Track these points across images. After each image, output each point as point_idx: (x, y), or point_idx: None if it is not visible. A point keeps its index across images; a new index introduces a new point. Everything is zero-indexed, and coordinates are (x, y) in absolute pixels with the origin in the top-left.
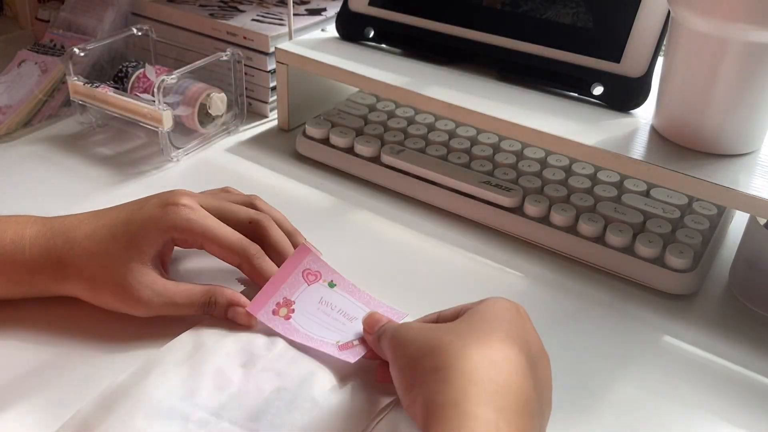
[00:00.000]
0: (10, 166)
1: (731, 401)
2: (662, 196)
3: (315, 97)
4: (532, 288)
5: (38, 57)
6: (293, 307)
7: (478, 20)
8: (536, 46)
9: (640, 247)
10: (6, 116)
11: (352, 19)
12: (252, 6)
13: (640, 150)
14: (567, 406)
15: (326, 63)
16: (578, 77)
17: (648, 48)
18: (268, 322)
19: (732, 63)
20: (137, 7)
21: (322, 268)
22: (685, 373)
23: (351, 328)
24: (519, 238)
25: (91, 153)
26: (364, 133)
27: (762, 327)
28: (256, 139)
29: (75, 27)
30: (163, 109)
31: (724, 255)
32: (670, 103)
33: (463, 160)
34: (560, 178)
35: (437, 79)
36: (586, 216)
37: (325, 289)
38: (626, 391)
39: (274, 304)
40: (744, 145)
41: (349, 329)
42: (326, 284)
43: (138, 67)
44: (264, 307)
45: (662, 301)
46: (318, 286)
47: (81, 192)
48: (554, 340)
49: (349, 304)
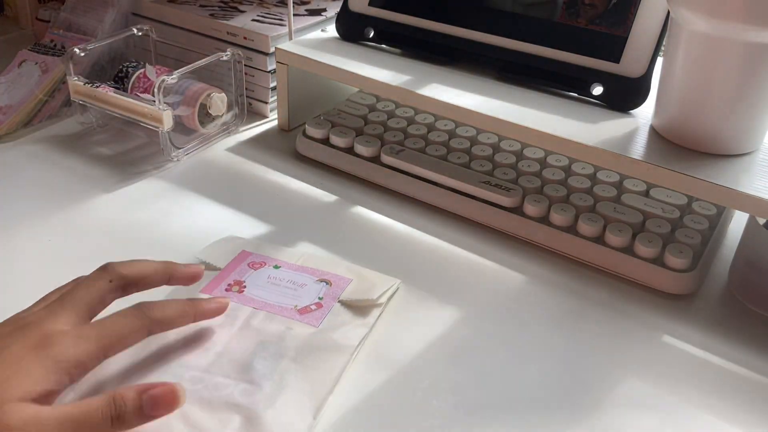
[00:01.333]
0: (10, 166)
1: (731, 401)
2: (662, 196)
3: (315, 97)
4: (532, 288)
5: (38, 57)
6: (244, 285)
7: (478, 20)
8: (536, 46)
9: (640, 247)
10: (6, 116)
11: (352, 19)
12: (252, 6)
13: (640, 150)
14: (567, 405)
15: (326, 63)
16: (578, 77)
17: (648, 48)
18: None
19: (732, 63)
20: (137, 7)
21: (265, 259)
22: (685, 373)
23: (303, 293)
24: (519, 238)
25: (91, 153)
26: (364, 133)
27: (762, 327)
28: (256, 139)
29: (75, 27)
30: (163, 109)
31: (723, 255)
32: (669, 103)
33: (463, 160)
34: (560, 178)
35: (437, 79)
36: (585, 216)
37: (271, 270)
38: (626, 391)
39: (226, 285)
40: (744, 145)
41: (301, 294)
42: (272, 267)
43: (138, 67)
44: (217, 288)
45: (662, 301)
46: (264, 269)
47: (81, 192)
48: (554, 340)
49: (296, 276)
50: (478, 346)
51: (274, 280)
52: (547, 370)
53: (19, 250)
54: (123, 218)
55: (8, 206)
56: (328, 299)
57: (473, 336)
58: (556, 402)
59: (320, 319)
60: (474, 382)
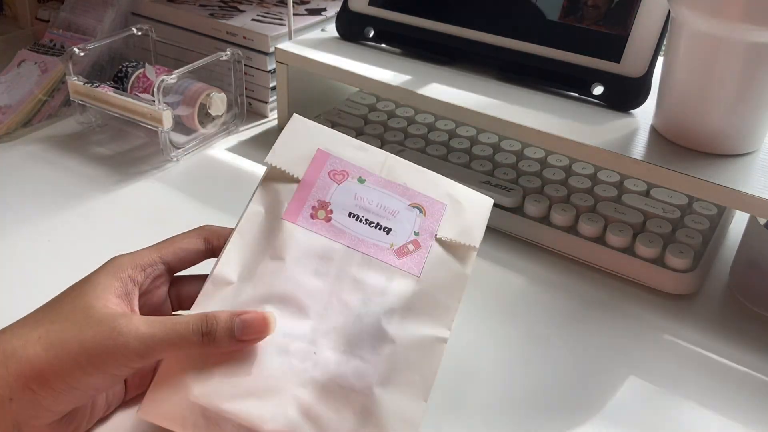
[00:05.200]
0: (10, 166)
1: (731, 400)
2: (662, 196)
3: (315, 97)
4: (532, 288)
5: (38, 57)
6: (330, 208)
7: (478, 20)
8: (536, 46)
9: (640, 247)
10: (6, 116)
11: (352, 19)
12: (252, 6)
13: (640, 150)
14: (567, 405)
15: (326, 63)
16: (578, 77)
17: (648, 48)
18: (310, 227)
19: (732, 63)
20: (137, 7)
21: (346, 166)
22: (686, 373)
23: (397, 225)
24: (519, 238)
25: (91, 153)
26: (364, 133)
27: (762, 327)
28: (256, 139)
29: (75, 27)
30: (163, 109)
31: (724, 255)
32: (670, 103)
33: (463, 160)
34: (560, 178)
35: (437, 79)
36: (586, 216)
37: (357, 185)
38: (626, 391)
39: (310, 208)
40: (744, 145)
41: (395, 226)
42: (356, 180)
43: (138, 67)
44: (300, 213)
45: (662, 301)
46: (348, 183)
47: (81, 192)
48: (554, 340)
49: (386, 198)
50: (478, 346)
51: (363, 203)
52: (547, 370)
53: (19, 250)
54: (123, 218)
55: (8, 206)
56: (425, 235)
57: (473, 336)
58: (556, 402)
59: (420, 264)
60: (474, 382)
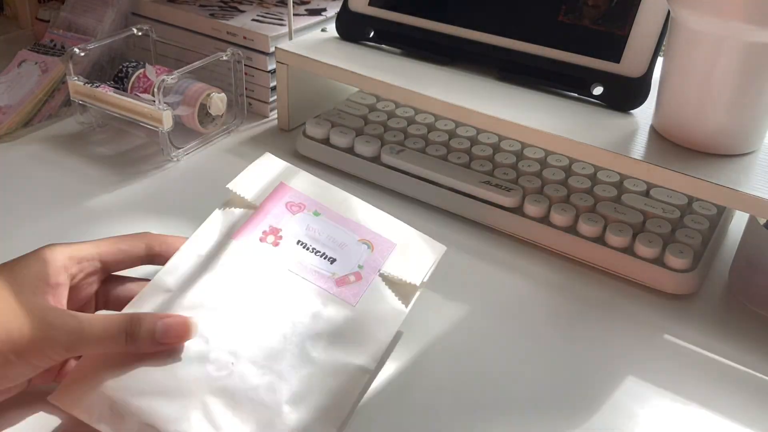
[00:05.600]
0: (10, 166)
1: (731, 400)
2: (662, 196)
3: (315, 97)
4: (532, 288)
5: (38, 57)
6: (280, 234)
7: (478, 20)
8: (536, 46)
9: (640, 247)
10: (6, 116)
11: (352, 19)
12: (252, 6)
13: (640, 150)
14: (567, 405)
15: (326, 63)
16: (578, 77)
17: (648, 48)
18: (256, 247)
19: (732, 63)
20: (137, 7)
21: (305, 200)
22: (685, 373)
23: (343, 257)
24: (519, 238)
25: (91, 153)
26: (364, 133)
27: (762, 327)
28: (256, 139)
29: (75, 27)
30: (163, 109)
31: (724, 255)
32: (669, 103)
33: (463, 160)
34: (560, 178)
35: (437, 79)
36: (586, 216)
37: (311, 217)
38: (626, 391)
39: (261, 232)
40: (744, 145)
41: (341, 257)
42: (311, 213)
43: (138, 67)
44: (250, 234)
45: (662, 300)
46: (303, 215)
47: (81, 192)
48: (554, 340)
49: (337, 231)
50: (478, 346)
51: (314, 233)
52: (547, 370)
53: (19, 250)
54: (122, 218)
55: (8, 206)
56: (369, 270)
57: (473, 336)
58: (556, 402)
59: (358, 295)
60: (474, 382)
